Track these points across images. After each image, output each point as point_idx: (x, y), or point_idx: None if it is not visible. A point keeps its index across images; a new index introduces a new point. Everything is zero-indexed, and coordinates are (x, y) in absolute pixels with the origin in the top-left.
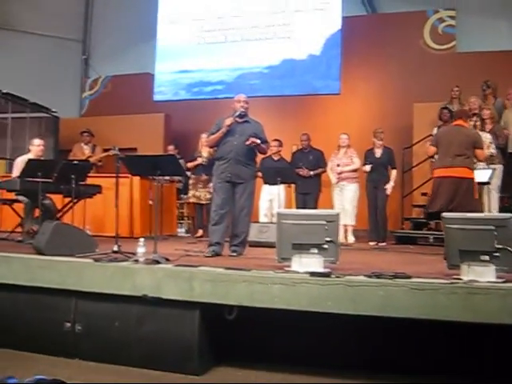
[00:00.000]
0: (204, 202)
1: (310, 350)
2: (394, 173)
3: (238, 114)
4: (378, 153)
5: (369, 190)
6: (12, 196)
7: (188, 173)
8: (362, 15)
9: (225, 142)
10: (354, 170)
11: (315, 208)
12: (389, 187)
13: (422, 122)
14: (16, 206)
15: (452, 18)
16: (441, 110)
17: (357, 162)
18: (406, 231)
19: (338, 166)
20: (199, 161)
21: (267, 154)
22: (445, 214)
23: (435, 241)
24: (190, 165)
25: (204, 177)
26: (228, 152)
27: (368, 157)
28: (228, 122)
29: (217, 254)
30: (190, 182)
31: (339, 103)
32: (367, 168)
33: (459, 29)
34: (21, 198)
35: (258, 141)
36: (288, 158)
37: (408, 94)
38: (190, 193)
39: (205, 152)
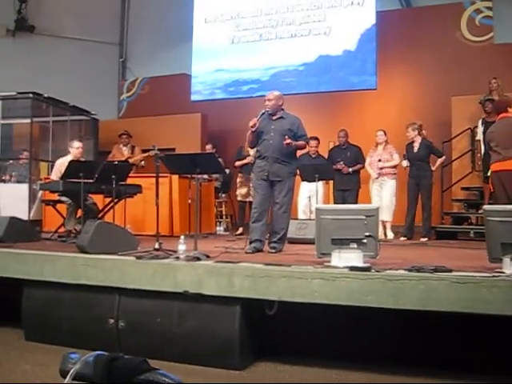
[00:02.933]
0: (248, 200)
1: (349, 344)
2: (439, 161)
3: (260, 113)
4: (416, 147)
5: (410, 186)
6: (55, 197)
7: (227, 171)
8: (396, 9)
9: (262, 140)
10: (394, 166)
11: (355, 204)
12: (434, 167)
13: (460, 116)
14: (59, 206)
15: (489, 8)
16: (484, 102)
17: (396, 158)
18: (447, 226)
19: (380, 161)
20: (248, 160)
21: (304, 151)
22: (485, 207)
23: (476, 235)
24: (238, 163)
25: (252, 175)
26: (265, 151)
27: (407, 151)
28: (250, 123)
29: (257, 251)
30: (238, 180)
31: (375, 99)
32: (404, 163)
33: (496, 20)
34: (63, 198)
35: (293, 142)
36: (325, 154)
37: (445, 88)
38: (238, 191)
39: (252, 151)
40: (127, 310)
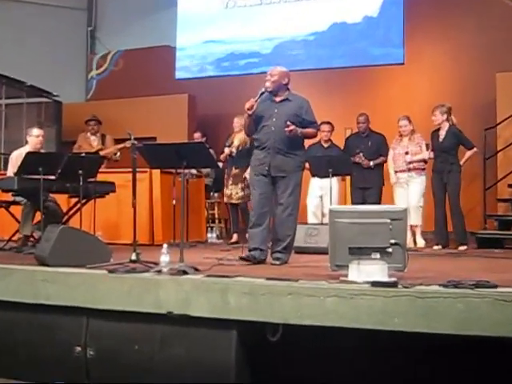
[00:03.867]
0: (235, 202)
1: (370, 375)
2: (469, 153)
3: (259, 93)
4: (442, 135)
5: (435, 183)
6: (9, 197)
7: (220, 164)
8: None
9: (262, 127)
10: (424, 160)
11: (377, 204)
12: (462, 160)
13: (507, 97)
14: (13, 208)
15: None
16: None
17: (426, 151)
18: (490, 232)
19: (407, 153)
20: (226, 151)
21: (315, 140)
22: None
23: None
24: (222, 157)
25: (234, 171)
26: (265, 140)
27: (432, 140)
28: (247, 104)
29: (257, 262)
30: (225, 177)
31: (403, 75)
32: (426, 155)
33: None
34: (19, 198)
35: (298, 130)
36: (340, 143)
37: (489, 62)
38: (224, 191)
39: (237, 139)
40: (97, 335)
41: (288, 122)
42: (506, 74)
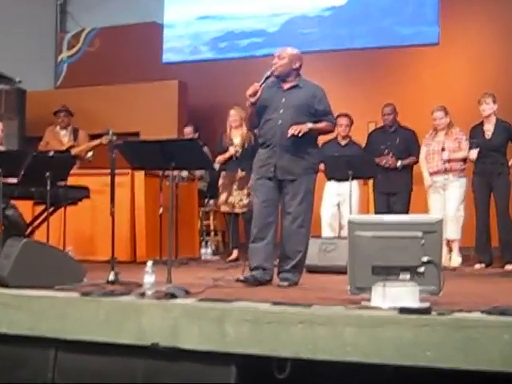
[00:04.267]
0: (239, 211)
1: None
2: None
3: (264, 77)
4: (489, 131)
5: (478, 188)
6: None
7: (216, 166)
8: None
9: (266, 120)
10: (464, 159)
11: (405, 213)
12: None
13: None
14: None
15: None
16: None
17: (467, 148)
18: None
19: (444, 150)
20: (231, 151)
21: (331, 136)
22: None
23: None
24: (220, 158)
25: (240, 173)
26: (270, 136)
27: (474, 137)
28: (249, 90)
29: (259, 283)
30: (221, 182)
31: (437, 59)
32: (472, 154)
33: None
34: None
35: (307, 125)
36: (362, 140)
37: None
38: (221, 198)
39: (237, 137)
40: (67, 370)
41: (293, 127)
42: None
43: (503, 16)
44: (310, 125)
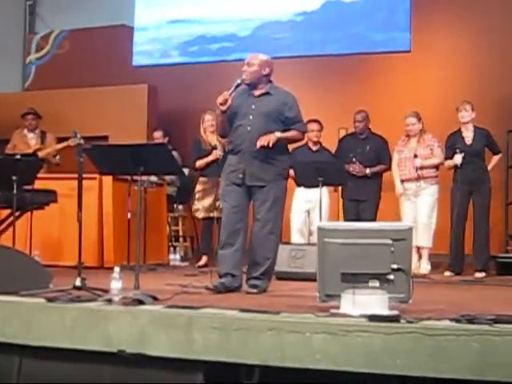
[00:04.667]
0: (216, 215)
1: None
2: (496, 158)
3: (234, 85)
4: (469, 137)
5: (457, 196)
6: None
7: (185, 171)
8: None
9: (236, 127)
10: (436, 166)
11: (373, 221)
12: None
13: None
14: None
15: None
16: None
17: (440, 154)
18: None
19: (416, 156)
20: (215, 155)
21: (301, 143)
22: None
23: None
24: (200, 163)
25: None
26: (240, 142)
27: (454, 144)
28: (219, 98)
29: (228, 290)
30: (199, 187)
31: (409, 66)
32: (458, 159)
33: None
34: None
35: (276, 135)
36: (332, 147)
37: None
38: (199, 204)
39: (214, 142)
40: (32, 377)
41: (262, 138)
42: None
43: (475, 23)
44: (278, 134)
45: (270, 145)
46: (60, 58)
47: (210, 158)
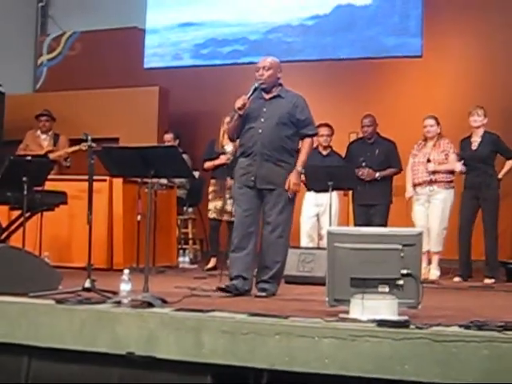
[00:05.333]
0: (225, 219)
1: None
2: (509, 164)
3: (252, 89)
4: (476, 142)
5: (465, 201)
6: None
7: (196, 175)
8: None
9: (247, 129)
10: (451, 171)
11: (383, 226)
12: (501, 173)
13: None
14: None
15: None
16: None
17: (454, 160)
18: None
19: (429, 161)
20: (223, 159)
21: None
22: None
23: None
24: (208, 165)
25: (230, 182)
26: (251, 144)
27: (462, 149)
28: (238, 103)
29: (239, 293)
30: (210, 189)
31: (420, 71)
32: (457, 167)
33: None
34: None
35: (296, 183)
36: (343, 151)
37: None
38: (211, 205)
39: (228, 145)
40: (41, 378)
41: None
42: None
43: (487, 29)
44: (299, 168)
45: (298, 183)
46: (71, 59)
47: (217, 162)
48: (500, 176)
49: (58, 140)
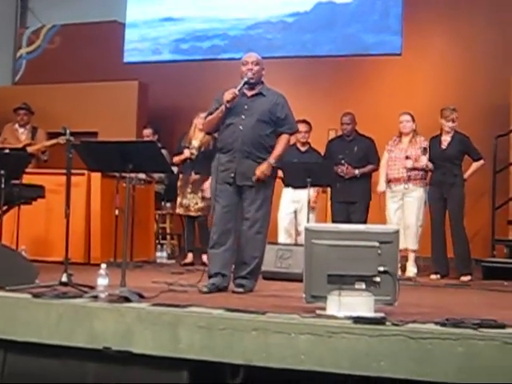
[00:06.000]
0: (194, 214)
1: None
2: (475, 165)
3: (242, 83)
4: (446, 141)
5: (433, 198)
6: None
7: (174, 169)
8: None
9: (227, 125)
10: (425, 169)
11: (363, 223)
12: (467, 174)
13: None
14: None
15: None
16: None
17: (426, 157)
18: (499, 260)
19: (408, 158)
20: (186, 153)
21: (291, 142)
22: None
23: None
24: (176, 159)
25: (194, 176)
26: (231, 141)
27: (432, 147)
28: (228, 95)
29: (218, 290)
30: (178, 184)
31: (399, 69)
32: (423, 161)
33: None
34: None
35: (267, 170)
36: (321, 148)
37: (503, 60)
38: (178, 200)
39: (196, 140)
40: (16, 373)
41: (257, 172)
42: None
43: (466, 29)
44: (272, 161)
45: (268, 174)
46: (51, 52)
47: (182, 157)
48: (465, 176)
49: (36, 133)
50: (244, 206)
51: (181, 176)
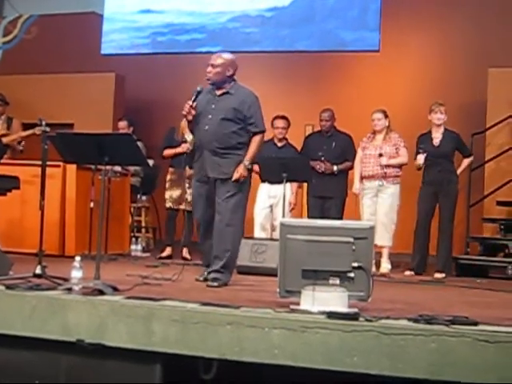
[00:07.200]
0: (190, 209)
1: None
2: (466, 161)
3: (194, 94)
4: (438, 138)
5: (424, 197)
6: None
7: (150, 162)
8: None
9: (197, 126)
10: (400, 166)
11: (339, 219)
12: (459, 170)
13: (500, 96)
14: None
15: None
16: None
17: (405, 154)
18: (473, 257)
19: (381, 155)
20: (184, 148)
21: (267, 138)
22: None
23: None
24: (167, 152)
25: (188, 171)
26: (199, 140)
27: (422, 143)
28: (185, 111)
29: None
30: (168, 177)
31: (378, 65)
32: (420, 160)
33: None
34: None
35: (243, 172)
36: (298, 143)
37: (481, 55)
38: (167, 194)
39: (188, 134)
40: None
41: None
42: (499, 69)
43: (444, 26)
44: (246, 162)
45: (245, 175)
46: (28, 43)
47: (178, 150)
48: (458, 173)
49: (11, 124)
50: (216, 199)
51: (171, 170)
